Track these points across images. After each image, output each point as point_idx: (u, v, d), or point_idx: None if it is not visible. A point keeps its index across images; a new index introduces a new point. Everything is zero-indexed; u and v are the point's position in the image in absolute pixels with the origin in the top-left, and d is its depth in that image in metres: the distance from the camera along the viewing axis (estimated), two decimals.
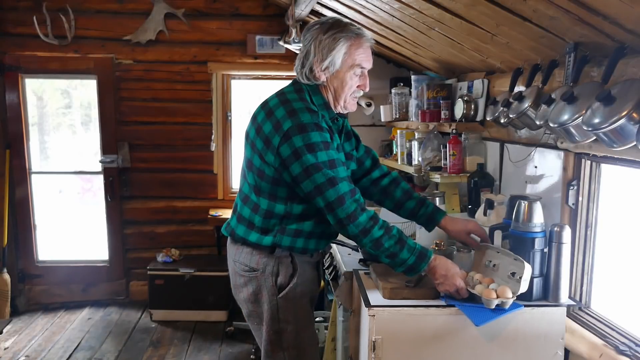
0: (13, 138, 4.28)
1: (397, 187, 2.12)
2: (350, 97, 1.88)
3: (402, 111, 3.58)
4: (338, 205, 1.73)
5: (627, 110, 1.39)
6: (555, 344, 1.77)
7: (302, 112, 1.77)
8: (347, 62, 1.82)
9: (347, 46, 1.80)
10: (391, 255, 1.75)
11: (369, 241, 1.75)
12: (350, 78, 1.84)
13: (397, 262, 1.76)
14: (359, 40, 1.82)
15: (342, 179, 1.75)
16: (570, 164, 1.99)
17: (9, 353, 3.64)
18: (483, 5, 1.85)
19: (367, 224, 1.74)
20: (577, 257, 1.98)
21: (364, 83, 1.89)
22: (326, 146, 1.75)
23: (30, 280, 4.45)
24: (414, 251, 1.76)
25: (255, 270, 1.90)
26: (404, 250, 1.75)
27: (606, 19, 1.48)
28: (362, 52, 1.83)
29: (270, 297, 1.89)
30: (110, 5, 4.23)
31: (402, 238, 1.77)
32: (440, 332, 1.74)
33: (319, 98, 1.86)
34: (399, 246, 1.75)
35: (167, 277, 4.14)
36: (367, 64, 1.87)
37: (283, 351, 1.90)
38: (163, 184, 4.48)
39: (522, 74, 2.23)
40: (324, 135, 1.76)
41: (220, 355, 3.65)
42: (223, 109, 4.52)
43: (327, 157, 1.74)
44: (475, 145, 2.79)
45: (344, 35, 1.80)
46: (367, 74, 1.90)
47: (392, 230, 1.77)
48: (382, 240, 1.74)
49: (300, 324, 1.91)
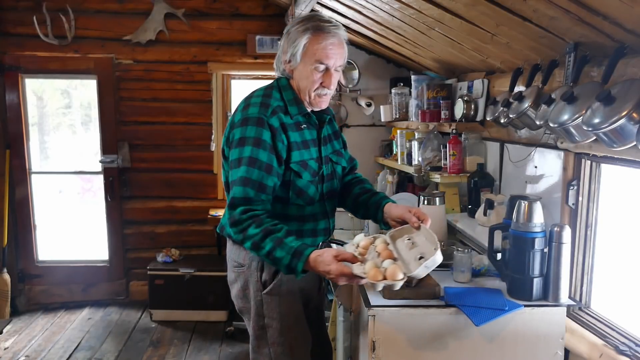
0: (13, 138, 4.28)
1: (358, 185, 2.07)
2: (313, 93, 1.82)
3: (402, 111, 3.58)
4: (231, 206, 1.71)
5: (627, 110, 1.39)
6: (555, 344, 1.77)
7: (253, 106, 1.78)
8: (306, 56, 1.77)
9: (307, 38, 1.76)
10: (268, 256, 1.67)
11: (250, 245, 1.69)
12: (312, 73, 1.78)
13: (276, 262, 1.68)
14: (320, 34, 1.76)
15: (250, 180, 1.71)
16: (570, 164, 1.99)
17: (9, 353, 3.64)
18: (483, 5, 1.85)
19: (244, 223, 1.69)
20: (577, 257, 1.98)
21: (327, 81, 1.80)
22: (257, 142, 1.73)
23: (30, 280, 4.45)
24: (289, 250, 1.64)
25: (242, 266, 1.91)
26: (278, 250, 1.65)
27: (606, 19, 1.48)
28: (322, 47, 1.75)
29: (255, 292, 1.89)
30: (110, 5, 4.23)
31: (280, 238, 1.66)
32: (440, 332, 1.74)
33: (289, 93, 1.85)
34: (276, 246, 1.65)
35: (167, 277, 4.14)
36: (330, 62, 1.78)
37: (268, 347, 1.89)
38: (163, 184, 4.48)
39: (522, 74, 2.23)
40: (261, 131, 1.74)
41: (220, 355, 3.65)
42: (223, 109, 4.52)
43: (251, 154, 1.72)
44: (475, 145, 2.80)
45: (305, 28, 1.76)
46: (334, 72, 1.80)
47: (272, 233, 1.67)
48: (262, 244, 1.67)
49: (285, 322, 1.88)
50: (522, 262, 1.77)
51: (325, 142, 1.95)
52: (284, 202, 1.84)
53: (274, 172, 1.76)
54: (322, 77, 1.80)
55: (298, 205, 1.86)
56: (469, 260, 1.99)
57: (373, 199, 1.97)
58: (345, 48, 1.84)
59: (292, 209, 1.86)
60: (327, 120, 1.95)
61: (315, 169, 1.88)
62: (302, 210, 1.87)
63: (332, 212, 2.00)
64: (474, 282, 1.97)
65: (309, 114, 1.89)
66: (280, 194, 1.82)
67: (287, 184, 1.82)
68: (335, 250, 1.64)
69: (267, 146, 1.74)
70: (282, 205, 1.84)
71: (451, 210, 2.83)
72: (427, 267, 1.55)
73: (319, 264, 1.62)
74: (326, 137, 1.96)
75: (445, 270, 2.11)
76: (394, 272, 1.52)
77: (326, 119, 1.94)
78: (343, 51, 1.83)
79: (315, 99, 1.84)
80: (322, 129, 1.93)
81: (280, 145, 1.77)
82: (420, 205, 2.51)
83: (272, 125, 1.76)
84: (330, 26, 1.78)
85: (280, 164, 1.78)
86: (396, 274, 1.52)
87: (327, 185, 1.94)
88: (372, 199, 1.98)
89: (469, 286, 1.93)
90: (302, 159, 1.84)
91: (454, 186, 2.89)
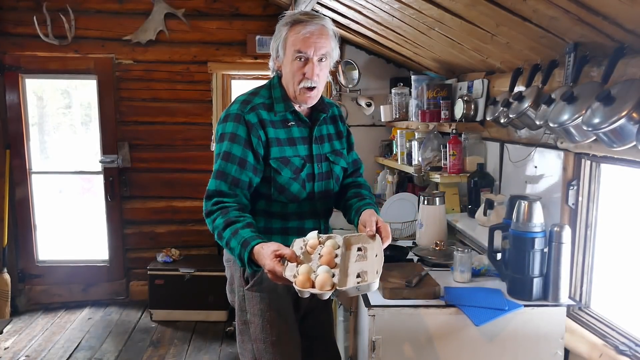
0: (13, 138, 4.28)
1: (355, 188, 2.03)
2: (298, 87, 1.79)
3: (402, 111, 3.58)
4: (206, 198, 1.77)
5: (627, 110, 1.40)
6: (555, 344, 1.77)
7: (236, 103, 1.83)
8: (287, 49, 1.77)
9: (285, 31, 1.77)
10: (227, 246, 1.68)
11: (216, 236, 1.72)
12: (292, 65, 1.77)
13: (232, 253, 1.67)
14: (298, 25, 1.75)
15: (224, 174, 1.75)
16: (570, 164, 1.99)
17: (9, 353, 3.64)
18: (483, 5, 1.85)
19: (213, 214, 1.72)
20: (577, 257, 1.98)
21: (308, 72, 1.75)
22: (233, 138, 1.76)
23: (30, 280, 4.44)
24: (240, 240, 1.63)
25: (229, 261, 1.94)
26: (233, 240, 1.64)
27: (606, 19, 1.48)
28: (299, 37, 1.74)
29: (238, 287, 1.90)
30: (110, 5, 4.23)
31: (237, 228, 1.65)
32: (440, 332, 1.74)
33: (277, 91, 1.86)
34: (232, 236, 1.65)
35: (167, 277, 4.13)
36: (307, 49, 1.74)
37: (251, 342, 1.89)
38: (163, 184, 4.48)
39: (522, 74, 2.23)
40: (237, 126, 1.77)
41: (220, 355, 3.65)
42: (223, 109, 4.48)
43: (226, 148, 1.76)
44: (475, 145, 2.80)
45: (286, 22, 1.78)
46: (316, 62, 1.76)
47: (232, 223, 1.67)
48: (223, 233, 1.68)
49: (266, 318, 1.86)
50: (522, 262, 1.78)
51: (321, 140, 1.92)
52: (267, 199, 1.84)
53: (248, 167, 1.77)
54: (303, 68, 1.76)
55: (281, 203, 1.85)
56: (469, 260, 1.99)
57: (358, 204, 1.90)
58: (330, 39, 1.79)
59: (275, 205, 1.85)
60: (321, 118, 1.92)
61: (299, 166, 1.84)
62: (285, 207, 1.86)
63: (324, 213, 1.96)
64: (474, 282, 1.98)
65: (297, 112, 1.87)
66: (263, 190, 1.83)
67: (267, 179, 1.82)
68: (277, 245, 1.58)
69: (241, 141, 1.77)
70: (266, 202, 1.85)
71: (451, 210, 2.83)
72: (359, 289, 1.47)
73: (259, 257, 1.57)
74: (323, 136, 1.94)
75: (445, 270, 2.11)
76: (323, 282, 1.44)
77: (320, 117, 1.91)
78: (326, 41, 1.77)
79: (301, 94, 1.80)
80: (315, 128, 1.90)
81: (255, 141, 1.78)
82: (420, 205, 2.51)
83: (248, 120, 1.78)
84: (309, 17, 1.77)
85: (257, 159, 1.79)
86: (325, 284, 1.44)
87: (320, 184, 1.89)
88: (357, 204, 1.91)
89: (469, 286, 1.94)
90: (283, 155, 1.82)
91: (454, 186, 2.89)
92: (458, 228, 2.61)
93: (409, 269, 2.02)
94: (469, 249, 2.05)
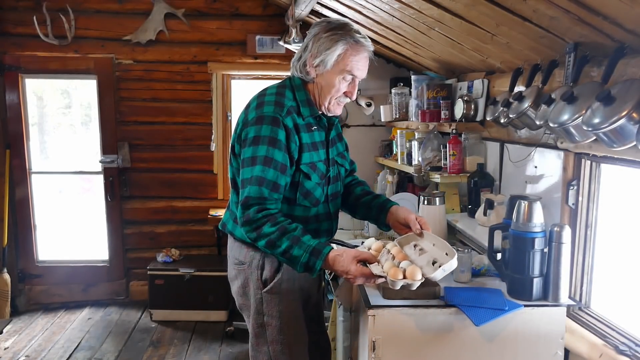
0: (13, 138, 4.28)
1: (359, 186, 2.12)
2: (334, 100, 1.86)
3: (402, 111, 3.58)
4: (245, 205, 1.72)
5: (627, 110, 1.40)
6: (555, 344, 1.77)
7: (268, 105, 1.80)
8: (338, 65, 1.80)
9: (343, 49, 1.78)
10: (284, 254, 1.69)
11: (262, 239, 1.70)
12: (339, 82, 1.82)
13: (292, 260, 1.69)
14: (357, 48, 1.79)
15: (264, 180, 1.72)
16: (570, 164, 1.99)
17: (9, 353, 3.64)
18: (483, 5, 1.85)
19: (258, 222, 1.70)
20: (577, 257, 1.98)
21: (352, 91, 1.86)
22: (272, 142, 1.74)
23: (30, 280, 4.45)
24: (307, 249, 1.67)
25: (243, 263, 1.92)
26: (295, 248, 1.67)
27: (606, 19, 1.48)
28: (356, 60, 1.80)
29: (255, 290, 1.90)
30: (110, 5, 4.23)
31: (297, 236, 1.68)
32: (440, 332, 1.74)
33: (302, 94, 1.86)
34: (293, 244, 1.67)
35: (167, 277, 4.14)
36: (360, 73, 1.83)
37: (267, 345, 1.90)
38: (163, 184, 4.48)
39: (522, 74, 2.23)
40: (276, 130, 1.75)
41: (220, 355, 3.65)
42: (223, 109, 4.52)
43: (266, 153, 1.73)
44: (475, 145, 2.80)
45: (343, 39, 1.78)
46: (357, 84, 1.87)
47: (287, 229, 1.69)
48: (274, 238, 1.68)
49: (284, 320, 1.89)
50: (522, 262, 1.78)
51: (332, 144, 1.97)
52: (290, 203, 1.84)
53: (287, 172, 1.78)
54: (347, 87, 1.84)
55: (304, 207, 1.87)
56: (469, 260, 1.99)
57: (376, 201, 2.02)
58: None
59: (297, 209, 1.86)
60: (335, 122, 1.97)
61: (324, 171, 1.89)
62: (307, 211, 1.88)
63: (335, 214, 2.01)
64: (474, 282, 1.97)
65: (320, 117, 1.91)
66: (287, 194, 1.83)
67: (295, 184, 1.83)
68: (355, 251, 1.69)
69: (282, 146, 1.76)
70: (288, 206, 1.85)
71: (451, 210, 2.83)
72: (445, 270, 1.60)
73: (337, 264, 1.66)
74: (333, 139, 1.98)
75: None
76: (414, 272, 1.59)
77: (335, 122, 1.97)
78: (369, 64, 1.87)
79: (334, 105, 1.87)
80: (331, 132, 1.95)
81: (293, 146, 1.79)
82: (420, 205, 2.51)
83: (286, 125, 1.77)
84: (364, 39, 1.82)
85: (292, 164, 1.80)
86: (415, 274, 1.58)
87: (332, 187, 1.96)
88: (375, 201, 2.02)
89: (469, 286, 1.93)
90: (312, 160, 1.85)
91: (454, 186, 2.89)
92: (458, 228, 2.61)
93: None
94: (469, 249, 2.05)
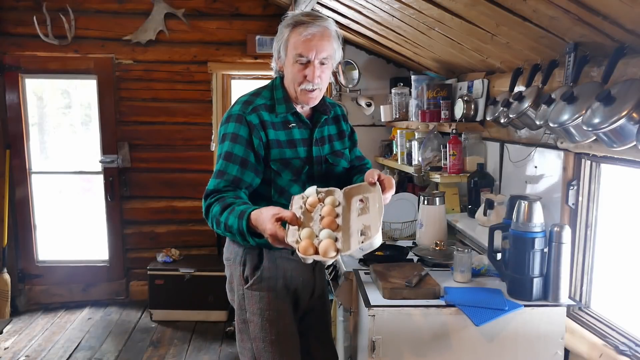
0: (13, 138, 4.28)
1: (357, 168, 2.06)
2: (299, 88, 1.79)
3: (402, 111, 3.58)
4: (204, 196, 1.75)
5: (627, 110, 1.40)
6: (555, 344, 1.77)
7: (237, 104, 1.83)
8: (288, 51, 1.78)
9: (287, 33, 1.77)
10: (226, 228, 1.65)
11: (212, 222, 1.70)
12: (294, 67, 1.77)
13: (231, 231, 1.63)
14: (299, 27, 1.74)
15: (224, 173, 1.75)
16: (570, 164, 1.99)
17: (9, 353, 3.64)
18: (483, 5, 1.85)
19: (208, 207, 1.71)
20: (577, 257, 1.98)
21: (309, 74, 1.75)
22: (234, 138, 1.77)
23: (30, 280, 4.44)
24: (237, 214, 1.61)
25: (229, 260, 1.94)
26: (231, 217, 1.62)
27: (606, 19, 1.48)
28: (301, 39, 1.73)
29: (238, 286, 1.91)
30: (110, 5, 4.23)
31: (234, 207, 1.63)
32: (440, 332, 1.74)
33: (279, 92, 1.86)
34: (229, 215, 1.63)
35: (167, 277, 4.13)
36: (309, 53, 1.73)
37: (250, 341, 1.90)
38: (163, 184, 4.48)
39: (522, 74, 2.23)
40: (239, 127, 1.77)
41: (220, 355, 3.65)
42: (223, 109, 4.52)
43: (228, 149, 1.77)
44: (475, 145, 2.80)
45: (287, 23, 1.78)
46: (317, 65, 1.75)
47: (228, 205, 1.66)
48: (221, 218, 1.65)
49: (265, 317, 1.87)
50: (522, 262, 1.78)
51: (322, 142, 1.93)
52: (267, 201, 1.84)
53: (250, 167, 1.77)
54: (304, 70, 1.76)
55: (282, 204, 1.82)
56: (469, 260, 1.99)
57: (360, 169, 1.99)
58: (333, 41, 1.79)
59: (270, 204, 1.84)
60: (322, 120, 1.92)
61: (299, 168, 1.85)
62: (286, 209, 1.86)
63: None
64: (474, 282, 1.97)
65: (298, 113, 1.88)
66: (263, 191, 1.84)
67: (267, 181, 1.83)
68: (277, 209, 1.55)
69: (243, 141, 1.77)
70: (266, 204, 1.81)
71: (451, 210, 2.83)
72: (363, 250, 1.42)
73: (259, 222, 1.55)
74: (324, 138, 1.94)
75: (445, 270, 2.11)
76: (327, 249, 1.39)
77: (322, 119, 1.92)
78: (328, 43, 1.76)
79: (302, 95, 1.81)
80: (316, 129, 1.90)
81: (257, 142, 1.78)
82: (420, 205, 2.51)
83: (250, 121, 1.78)
84: (311, 18, 1.76)
85: (258, 160, 1.79)
86: (328, 251, 1.39)
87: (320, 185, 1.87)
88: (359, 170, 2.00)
89: (469, 286, 1.94)
90: (283, 157, 1.82)
91: (454, 186, 2.89)
92: (458, 228, 2.61)
93: (409, 269, 2.02)
94: (469, 249, 2.05)
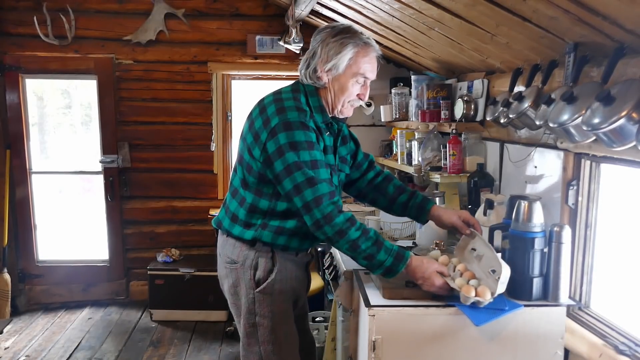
0: (13, 138, 4.28)
1: (390, 183, 2.14)
2: (347, 103, 1.89)
3: (402, 111, 3.58)
4: (315, 205, 1.72)
5: (626, 110, 1.40)
6: (555, 344, 1.77)
7: (291, 110, 1.79)
8: (351, 69, 1.83)
9: (353, 52, 1.81)
10: (368, 257, 1.75)
11: (345, 242, 1.74)
12: (352, 85, 1.85)
13: (375, 263, 1.75)
14: (366, 49, 1.83)
15: (322, 180, 1.74)
16: (570, 164, 1.99)
17: (9, 353, 3.64)
18: (483, 5, 1.85)
19: (343, 225, 1.72)
20: (577, 257, 1.98)
21: (364, 93, 1.89)
22: (310, 146, 1.76)
23: (30, 280, 4.45)
24: (391, 252, 1.75)
25: (235, 263, 1.92)
26: (381, 252, 1.74)
27: (606, 19, 1.48)
28: (367, 62, 1.84)
29: (247, 290, 1.91)
30: (110, 5, 4.23)
31: (379, 240, 1.76)
32: (440, 332, 1.74)
33: (315, 100, 1.87)
34: (376, 248, 1.74)
35: (167, 277, 4.14)
36: (371, 75, 1.87)
37: (259, 345, 1.92)
38: (163, 184, 4.48)
39: (522, 74, 2.23)
40: (309, 134, 1.77)
41: (220, 355, 3.65)
42: (223, 109, 4.52)
43: (309, 157, 1.75)
44: (475, 145, 2.80)
45: (352, 42, 1.81)
46: (369, 85, 1.90)
47: (369, 232, 1.76)
48: (359, 241, 1.73)
49: (276, 320, 1.90)
50: (522, 262, 1.78)
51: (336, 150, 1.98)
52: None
53: (330, 169, 1.84)
54: (360, 90, 1.88)
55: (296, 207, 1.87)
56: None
57: (414, 202, 2.07)
58: None
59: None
60: (343, 127, 1.99)
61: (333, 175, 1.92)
62: None
63: None
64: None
65: (331, 122, 1.92)
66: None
67: None
68: (437, 265, 1.79)
69: (318, 147, 1.80)
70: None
71: None
72: (503, 283, 1.69)
73: (418, 270, 1.75)
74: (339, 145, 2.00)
75: None
76: (484, 292, 1.69)
77: (343, 127, 1.98)
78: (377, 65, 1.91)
79: (347, 108, 1.90)
80: (339, 137, 1.97)
81: (322, 145, 1.84)
82: None
83: (313, 128, 1.81)
84: (371, 40, 1.86)
85: None
86: (485, 294, 1.69)
87: None
88: (412, 202, 2.07)
89: None
90: (329, 164, 1.89)
91: (454, 186, 2.89)
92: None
93: None
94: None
